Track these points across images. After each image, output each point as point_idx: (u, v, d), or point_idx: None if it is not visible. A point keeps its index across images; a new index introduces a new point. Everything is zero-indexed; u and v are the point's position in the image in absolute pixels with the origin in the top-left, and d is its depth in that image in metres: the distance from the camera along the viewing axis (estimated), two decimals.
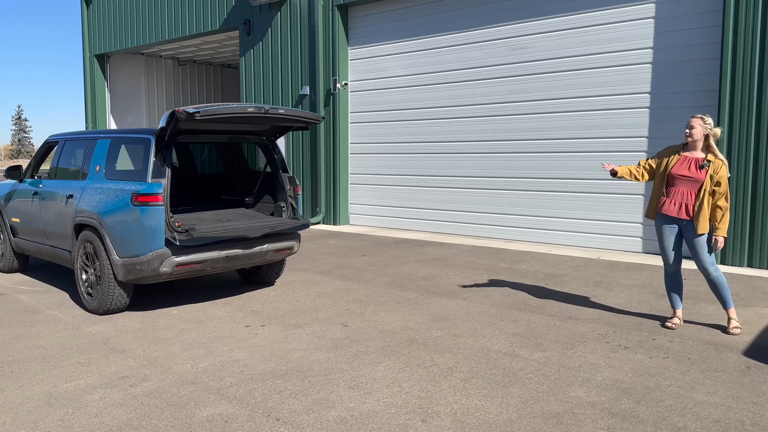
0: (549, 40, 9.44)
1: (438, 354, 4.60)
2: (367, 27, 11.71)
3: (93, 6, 17.25)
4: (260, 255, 6.11)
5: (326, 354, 4.63)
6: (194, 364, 4.44)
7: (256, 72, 13.31)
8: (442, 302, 6.12)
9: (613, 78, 8.89)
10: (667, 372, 4.18)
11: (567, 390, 3.90)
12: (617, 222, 8.93)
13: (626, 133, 8.81)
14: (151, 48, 16.63)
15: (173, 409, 3.69)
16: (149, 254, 5.42)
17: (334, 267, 7.98)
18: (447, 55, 10.63)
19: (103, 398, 3.87)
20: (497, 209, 10.22)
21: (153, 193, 5.38)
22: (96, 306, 5.75)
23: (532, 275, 7.35)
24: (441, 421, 3.49)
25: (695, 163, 4.90)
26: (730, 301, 5.01)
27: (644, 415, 3.53)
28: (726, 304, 5.01)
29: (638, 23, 8.61)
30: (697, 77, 8.20)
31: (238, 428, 3.44)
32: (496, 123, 10.13)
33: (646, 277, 7.11)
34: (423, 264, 8.14)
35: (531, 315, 5.62)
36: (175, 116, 5.25)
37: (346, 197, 12.24)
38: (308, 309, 5.93)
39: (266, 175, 6.85)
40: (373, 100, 11.77)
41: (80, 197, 6.04)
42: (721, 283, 4.95)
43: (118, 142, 6.10)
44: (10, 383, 4.13)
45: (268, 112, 5.70)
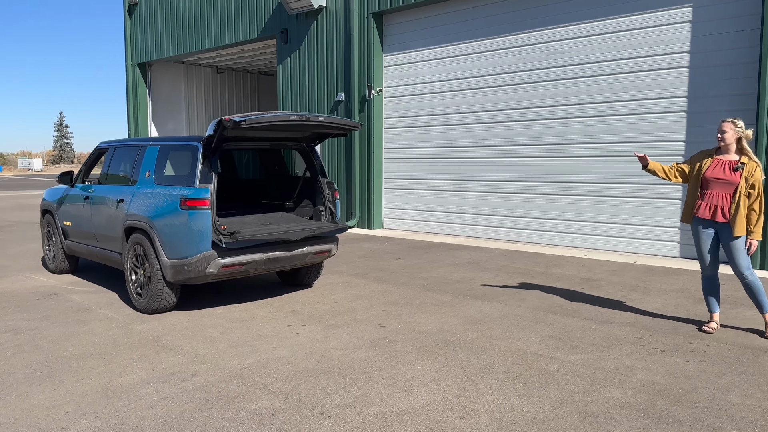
0: (583, 45, 9.47)
1: (474, 355, 4.71)
2: (402, 34, 11.89)
3: (135, 16, 17.84)
4: (300, 257, 6.31)
5: (365, 353, 4.79)
6: (240, 361, 4.64)
7: (293, 79, 13.61)
8: (477, 305, 6.23)
9: (649, 82, 8.87)
10: (704, 375, 4.22)
11: (603, 391, 3.97)
12: (654, 226, 8.90)
13: (663, 137, 8.78)
14: (191, 56, 17.11)
15: (222, 403, 3.89)
16: (197, 256, 5.67)
17: (370, 270, 8.15)
18: (480, 60, 10.73)
19: (157, 392, 4.09)
20: (532, 213, 10.26)
21: (201, 197, 5.63)
22: (145, 305, 6.03)
23: (567, 279, 7.40)
24: (478, 418, 3.61)
25: (729, 166, 4.92)
26: (766, 305, 5.01)
27: (680, 415, 3.60)
28: (763, 308, 5.01)
29: (675, 27, 8.58)
30: (734, 81, 8.14)
31: (284, 421, 3.62)
32: (530, 127, 10.18)
33: (684, 282, 7.09)
34: (457, 267, 8.24)
35: (566, 318, 5.69)
36: (223, 124, 5.49)
37: (380, 201, 12.42)
38: (346, 310, 6.10)
39: (306, 180, 7.06)
40: (407, 106, 11.93)
41: (131, 201, 6.34)
42: (757, 287, 4.95)
43: (167, 149, 6.39)
44: (69, 376, 4.39)
45: (309, 119, 5.90)
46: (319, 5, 12.60)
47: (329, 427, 3.53)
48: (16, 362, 4.68)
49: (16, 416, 3.73)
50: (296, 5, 12.73)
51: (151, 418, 3.70)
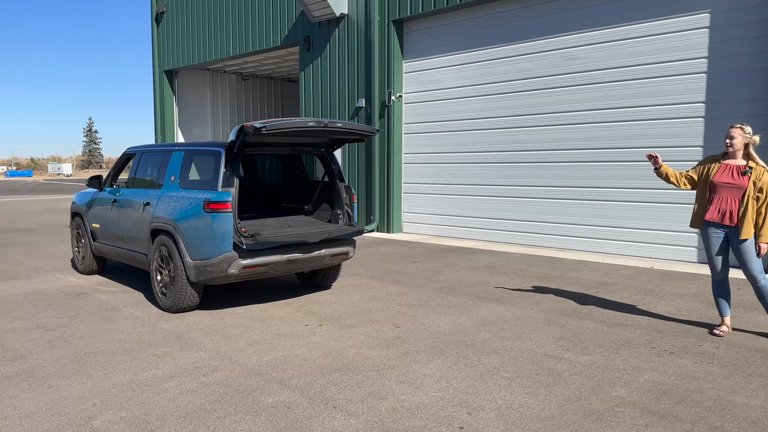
0: (601, 51, 9.53)
1: (485, 355, 4.83)
2: (422, 41, 12.05)
3: (162, 25, 18.31)
4: (318, 259, 6.49)
5: (379, 352, 4.94)
6: (259, 358, 4.83)
7: (315, 85, 13.86)
8: (491, 307, 6.34)
9: (667, 88, 8.89)
10: (710, 376, 4.29)
11: (609, 390, 4.07)
12: (672, 231, 8.90)
13: (681, 143, 8.79)
14: (216, 64, 17.49)
15: (241, 396, 4.08)
16: (219, 257, 5.89)
17: (387, 273, 8.30)
18: (499, 66, 10.84)
19: (179, 385, 4.29)
20: (549, 218, 10.32)
21: (223, 201, 5.85)
22: (169, 305, 6.26)
23: (582, 283, 7.46)
24: (486, 414, 3.74)
25: (737, 170, 4.98)
26: None
27: (683, 414, 3.68)
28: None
29: (693, 33, 8.61)
30: (753, 86, 8.13)
31: (299, 414, 3.78)
32: (548, 133, 10.25)
33: (699, 287, 7.11)
34: (473, 271, 8.35)
35: (579, 321, 5.77)
36: (244, 130, 5.71)
37: (399, 206, 12.57)
38: (362, 311, 6.26)
39: (324, 184, 7.25)
40: (427, 112, 12.08)
41: (156, 205, 6.59)
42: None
43: (191, 154, 6.63)
44: (97, 370, 4.62)
45: (327, 125, 6.09)
46: (341, 13, 12.83)
47: (342, 420, 3.68)
48: (47, 357, 4.93)
49: (47, 406, 3.95)
50: (318, 13, 12.98)
51: (173, 409, 3.89)
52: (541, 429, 3.52)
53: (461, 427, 3.56)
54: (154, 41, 18.63)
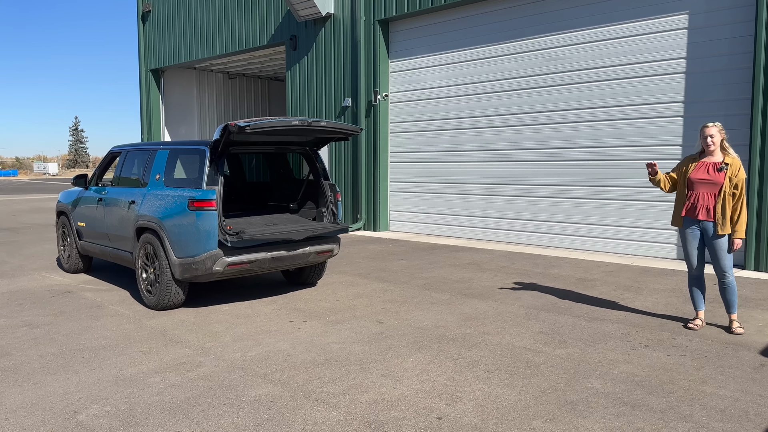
0: (583, 51, 9.67)
1: (466, 349, 4.94)
2: (407, 41, 12.15)
3: (149, 24, 18.27)
4: (303, 257, 6.57)
5: (362, 347, 5.03)
6: (243, 353, 4.90)
7: (302, 84, 13.92)
8: (474, 303, 6.45)
9: (647, 87, 9.05)
10: (682, 368, 4.42)
11: (584, 382, 4.19)
12: (652, 229, 9.06)
13: (661, 142, 8.95)
14: (203, 62, 17.49)
15: (225, 390, 4.15)
16: (204, 254, 5.95)
17: (373, 270, 8.39)
18: (483, 66, 10.97)
19: (164, 380, 4.36)
20: (533, 216, 10.46)
21: (208, 199, 5.91)
22: (155, 302, 6.31)
23: (563, 280, 7.60)
24: (464, 405, 3.84)
25: (713, 167, 5.13)
26: (735, 306, 5.29)
27: (654, 404, 3.80)
28: (732, 309, 5.28)
29: (671, 34, 8.77)
30: (730, 86, 8.30)
31: (282, 407, 3.86)
32: (531, 132, 10.39)
33: (677, 282, 7.26)
34: (458, 268, 8.46)
35: (558, 316, 5.90)
36: (228, 129, 5.78)
37: (385, 204, 12.67)
38: (347, 307, 6.35)
39: (309, 182, 7.33)
40: (412, 111, 12.18)
41: (141, 203, 6.63)
42: (733, 288, 5.21)
43: (176, 152, 6.68)
44: (82, 366, 4.67)
45: (310, 124, 6.17)
46: (327, 12, 12.90)
47: (323, 413, 3.77)
48: (33, 354, 4.97)
49: (32, 401, 4.00)
50: (305, 13, 13.04)
51: (157, 403, 3.96)
52: (516, 419, 3.63)
53: (439, 417, 3.66)
54: (140, 40, 18.58)
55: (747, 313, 5.89)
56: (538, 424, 3.56)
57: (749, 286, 7.05)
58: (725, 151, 5.17)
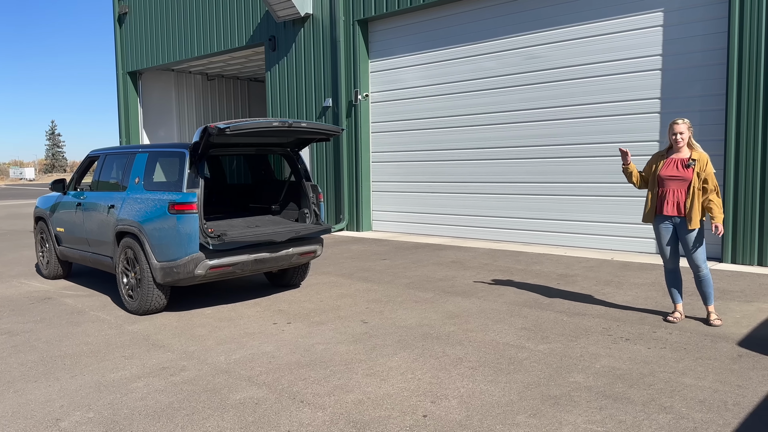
0: (561, 50, 9.77)
1: (450, 346, 4.97)
2: (387, 40, 12.17)
3: (125, 25, 18.07)
4: (286, 258, 6.55)
5: (347, 347, 5.03)
6: (227, 356, 4.88)
7: (281, 85, 13.87)
8: (457, 301, 6.49)
9: (624, 84, 9.17)
10: (663, 360, 4.49)
11: (567, 376, 4.24)
12: (631, 224, 9.17)
13: (638, 138, 9.07)
14: (181, 64, 17.34)
15: (209, 394, 4.13)
16: (185, 258, 5.91)
17: (356, 270, 8.40)
18: (463, 65, 11.02)
19: (147, 385, 4.33)
20: (514, 213, 10.54)
21: (188, 202, 5.87)
22: (136, 307, 6.25)
23: (545, 276, 7.67)
24: (448, 402, 3.87)
25: (681, 163, 5.22)
26: (712, 298, 5.38)
27: (635, 396, 3.86)
28: (708, 301, 5.37)
29: (648, 31, 8.89)
30: (705, 82, 8.44)
31: (267, 409, 3.86)
32: (511, 130, 10.46)
33: (656, 276, 7.37)
34: (441, 266, 8.50)
35: (540, 311, 5.96)
36: (208, 131, 5.74)
37: (368, 204, 12.67)
38: (331, 308, 6.35)
39: (291, 184, 7.31)
40: (393, 110, 12.20)
41: (121, 207, 6.57)
42: (708, 280, 5.30)
43: (155, 155, 6.63)
44: (64, 373, 4.62)
45: (291, 125, 6.16)
46: (306, 13, 12.87)
47: (308, 414, 3.77)
48: (12, 361, 4.90)
49: (13, 410, 3.95)
50: (283, 13, 12.99)
51: (141, 408, 3.93)
52: (500, 414, 3.67)
53: (425, 415, 3.68)
54: (117, 42, 18.37)
55: (724, 305, 6.00)
56: (522, 419, 3.60)
57: (726, 279, 7.17)
58: (692, 147, 5.26)
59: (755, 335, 5.01)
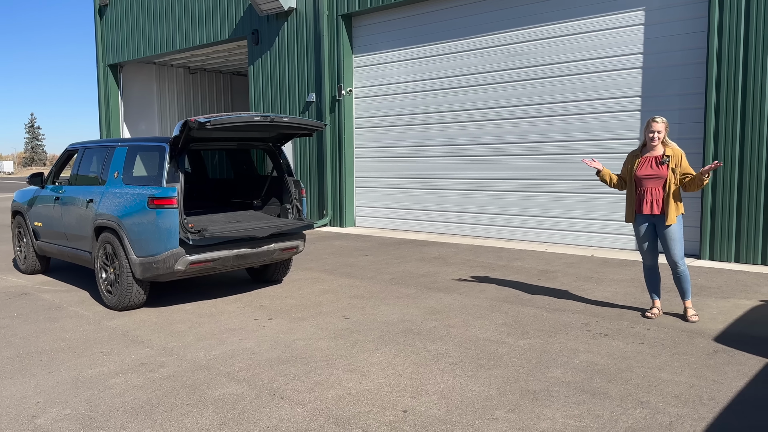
0: (544, 47, 9.81)
1: (431, 342, 4.98)
2: (371, 35, 12.13)
3: (106, 17, 17.82)
4: (268, 254, 6.52)
5: (328, 343, 5.03)
6: (207, 353, 4.85)
7: (264, 79, 13.78)
8: (439, 297, 6.50)
9: (606, 82, 9.24)
10: (640, 356, 4.54)
11: (545, 371, 4.27)
12: (612, 221, 9.26)
13: (620, 135, 9.15)
14: (162, 57, 17.15)
15: (188, 390, 4.10)
16: (165, 253, 5.85)
17: (339, 266, 8.38)
18: (447, 61, 11.03)
19: (125, 382, 4.28)
20: (497, 210, 10.59)
21: (168, 196, 5.81)
22: (115, 303, 6.19)
23: (526, 272, 7.72)
24: (428, 397, 3.88)
25: (656, 161, 5.27)
26: (689, 294, 5.45)
27: (613, 391, 3.90)
28: (686, 296, 5.44)
29: (629, 30, 8.96)
30: (685, 81, 8.53)
31: (246, 405, 3.84)
32: (494, 127, 10.50)
33: (635, 273, 7.45)
34: (423, 263, 8.52)
35: (521, 307, 5.99)
36: (188, 125, 5.69)
37: (351, 200, 12.65)
38: (313, 304, 6.33)
39: (273, 179, 7.27)
40: (377, 106, 12.18)
41: (100, 201, 6.49)
42: (686, 276, 5.37)
43: (134, 149, 6.55)
44: (40, 370, 4.56)
45: (273, 120, 6.12)
46: (289, 7, 12.78)
47: (288, 410, 3.76)
48: None
49: None
50: (266, 7, 12.89)
51: (119, 405, 3.89)
52: (480, 409, 3.68)
53: (404, 411, 3.69)
54: (97, 34, 18.11)
55: (701, 301, 6.08)
56: (501, 413, 3.62)
57: (704, 275, 7.28)
58: (666, 144, 5.31)
59: (731, 331, 5.09)
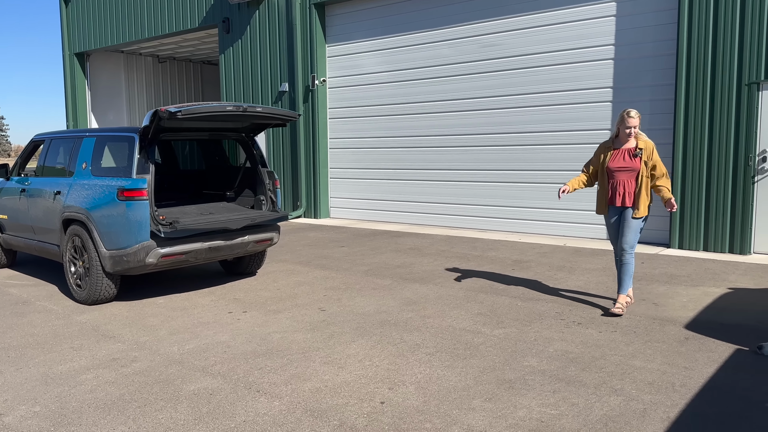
0: (516, 38, 9.85)
1: (407, 333, 4.98)
2: (344, 25, 12.03)
3: (72, 4, 17.34)
4: (242, 246, 6.44)
5: (304, 335, 4.99)
6: (180, 347, 4.77)
7: (236, 69, 13.57)
8: (415, 287, 6.51)
9: (577, 73, 9.32)
10: (613, 344, 4.61)
11: (521, 360, 4.30)
12: (584, 210, 9.36)
13: (591, 126, 9.25)
14: (131, 46, 16.76)
15: (162, 385, 4.03)
16: (135, 246, 5.73)
17: (314, 258, 8.33)
18: (420, 52, 11.00)
19: (96, 377, 4.19)
20: (471, 200, 10.63)
21: (138, 188, 5.69)
22: (85, 297, 6.05)
23: (500, 262, 7.77)
24: (406, 388, 3.88)
25: (629, 153, 5.31)
26: (626, 288, 5.37)
27: (587, 379, 3.95)
28: (622, 289, 5.37)
29: (601, 21, 9.04)
30: (656, 72, 8.65)
31: (222, 399, 3.79)
32: (467, 118, 10.52)
33: (607, 262, 7.55)
34: (399, 253, 8.52)
35: (496, 297, 6.03)
36: (158, 115, 5.56)
37: (326, 191, 12.58)
38: (288, 296, 6.28)
39: (246, 170, 7.17)
40: (351, 96, 12.10)
41: (68, 193, 6.32)
42: (630, 268, 5.34)
43: (103, 140, 6.39)
44: (8, 366, 4.43)
45: (246, 110, 6.03)
46: None
47: (265, 403, 3.72)
48: None
49: None
50: None
51: (90, 401, 3.81)
52: (457, 399, 3.70)
53: (382, 402, 3.68)
54: (63, 22, 17.61)
55: (672, 289, 6.20)
56: (478, 403, 3.64)
57: (674, 264, 7.41)
58: (638, 137, 5.34)
59: (701, 318, 5.19)
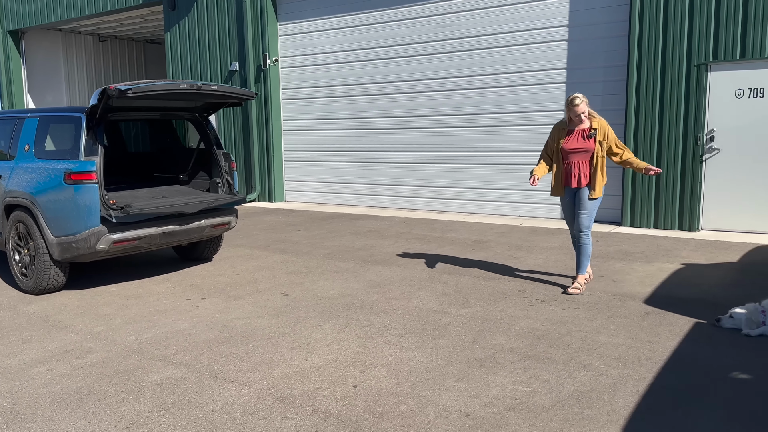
0: (473, 18, 9.82)
1: (374, 315, 4.93)
2: (296, 2, 11.74)
3: None
4: (198, 231, 6.23)
5: (268, 321, 4.87)
6: (138, 336, 4.58)
7: (183, 48, 13.09)
8: (378, 270, 6.45)
9: (532, 55, 9.38)
10: (577, 320, 4.68)
11: (489, 339, 4.31)
12: (538, 191, 9.49)
13: (546, 107, 9.35)
14: (69, 24, 15.94)
15: (122, 376, 3.85)
16: (85, 232, 5.45)
17: (272, 242, 8.16)
18: (376, 32, 10.85)
19: (50, 370, 3.97)
20: (428, 182, 10.63)
21: (86, 171, 5.39)
22: (32, 286, 5.74)
23: (460, 242, 7.80)
24: (377, 371, 3.83)
25: (583, 135, 5.34)
26: (584, 268, 5.44)
27: (556, 356, 3.99)
28: (581, 269, 5.44)
29: (555, 2, 9.10)
30: (609, 53, 8.79)
31: (187, 389, 3.65)
32: (424, 99, 10.47)
33: (563, 240, 7.68)
34: (359, 236, 8.44)
35: (459, 277, 6.04)
36: (107, 93, 5.27)
37: (280, 174, 12.34)
38: (248, 281, 6.12)
39: (200, 151, 6.92)
40: (305, 77, 11.86)
41: (9, 178, 5.95)
42: (587, 249, 5.40)
43: (47, 120, 6.03)
44: None
45: (200, 88, 5.78)
46: None
47: (233, 391, 3.60)
48: None
49: None
50: None
51: (45, 396, 3.60)
52: (430, 380, 3.67)
53: (355, 386, 3.62)
54: None
55: (628, 266, 6.35)
56: (450, 383, 3.62)
57: (628, 241, 7.60)
58: (591, 117, 5.35)
59: (659, 293, 5.33)
